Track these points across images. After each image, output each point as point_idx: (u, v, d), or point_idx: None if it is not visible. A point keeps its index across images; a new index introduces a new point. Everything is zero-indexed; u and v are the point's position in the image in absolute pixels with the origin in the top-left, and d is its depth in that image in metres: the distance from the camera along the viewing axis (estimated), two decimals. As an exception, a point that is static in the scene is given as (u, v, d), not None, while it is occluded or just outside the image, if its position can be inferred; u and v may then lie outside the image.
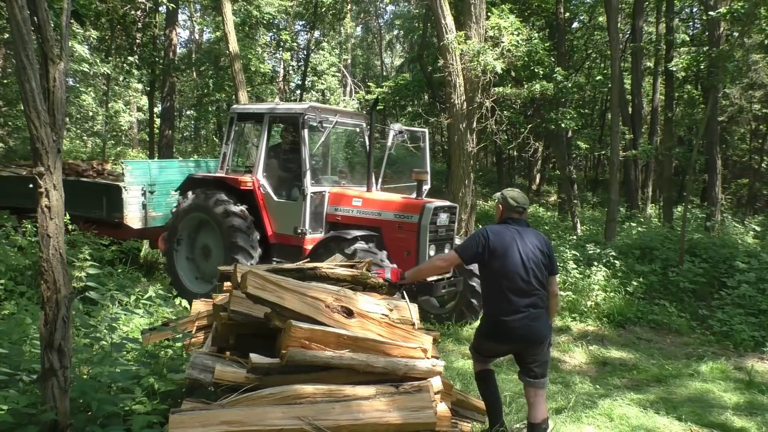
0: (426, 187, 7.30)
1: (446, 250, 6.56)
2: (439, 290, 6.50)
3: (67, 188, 10.09)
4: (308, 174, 6.89)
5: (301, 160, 6.92)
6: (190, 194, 7.61)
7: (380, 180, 7.82)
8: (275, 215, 7.31)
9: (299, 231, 6.97)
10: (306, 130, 6.88)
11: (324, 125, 7.00)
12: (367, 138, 7.67)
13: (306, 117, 6.89)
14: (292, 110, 7.29)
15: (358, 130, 8.22)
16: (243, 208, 7.22)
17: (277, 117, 7.55)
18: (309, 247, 6.82)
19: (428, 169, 7.73)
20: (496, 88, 11.24)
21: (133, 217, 8.71)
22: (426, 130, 8.13)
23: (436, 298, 7.30)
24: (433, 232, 6.52)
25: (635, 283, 8.69)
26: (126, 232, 8.87)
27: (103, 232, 8.60)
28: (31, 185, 9.73)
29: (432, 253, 6.48)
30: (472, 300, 7.11)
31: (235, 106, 8.09)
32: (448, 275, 6.74)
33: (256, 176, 7.35)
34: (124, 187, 8.64)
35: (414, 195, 7.06)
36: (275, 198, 7.29)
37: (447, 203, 7.01)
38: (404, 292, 4.08)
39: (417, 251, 6.48)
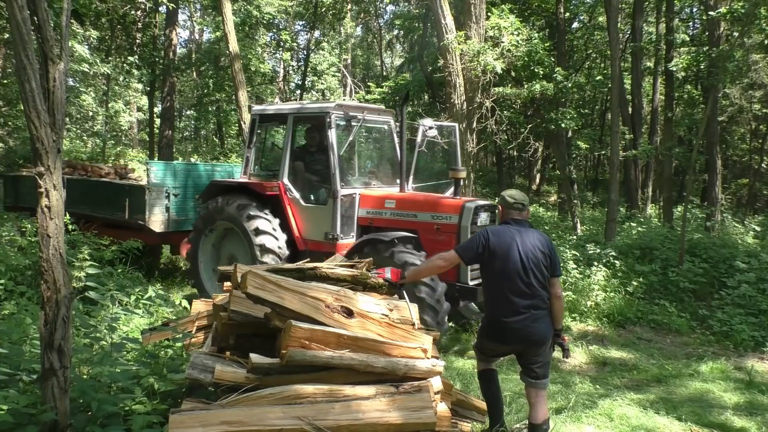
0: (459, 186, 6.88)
1: None
2: (480, 295, 5.99)
3: (89, 189, 9.92)
4: (337, 175, 6.57)
5: (330, 161, 6.61)
6: (213, 202, 7.32)
7: (411, 179, 7.36)
8: (304, 220, 6.98)
9: (331, 236, 6.62)
10: (333, 130, 6.59)
11: (352, 123, 6.68)
12: (396, 135, 7.41)
13: (333, 116, 6.61)
14: (318, 109, 6.99)
15: (386, 127, 7.82)
16: (267, 211, 6.96)
17: (302, 117, 7.26)
18: (341, 252, 6.31)
19: (461, 166, 7.29)
20: (496, 88, 11.25)
21: (155, 220, 8.43)
22: (456, 125, 7.77)
23: (476, 304, 6.86)
24: (474, 233, 6.20)
25: (635, 283, 8.69)
26: (147, 236, 8.62)
27: (124, 236, 8.39)
28: None
29: None
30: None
31: (256, 107, 7.81)
32: None
33: (281, 180, 7.05)
34: (148, 189, 8.36)
35: (450, 194, 6.76)
36: (303, 202, 6.99)
37: (488, 202, 6.61)
38: (404, 291, 4.08)
39: None
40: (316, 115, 7.03)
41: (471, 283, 6.09)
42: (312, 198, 7.06)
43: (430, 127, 7.32)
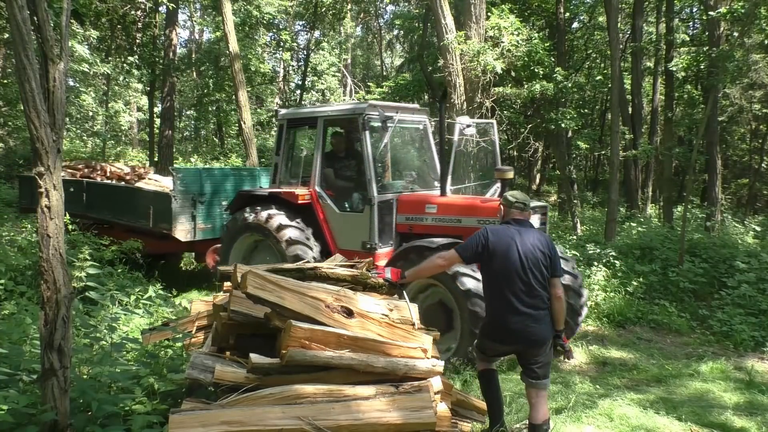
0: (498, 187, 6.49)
1: None
2: None
3: (112, 194, 9.71)
4: (373, 180, 6.24)
5: (364, 165, 6.31)
6: (241, 213, 7.02)
7: (449, 181, 6.80)
8: (338, 229, 6.65)
9: (368, 245, 6.27)
10: (368, 132, 6.30)
11: (387, 124, 6.29)
12: (432, 135, 7.14)
13: (366, 116, 6.30)
14: (351, 110, 6.67)
15: (421, 127, 7.39)
16: (299, 221, 6.66)
17: (333, 119, 6.93)
18: (381, 262, 6.02)
19: (500, 164, 6.88)
20: (496, 88, 11.25)
21: (181, 229, 8.08)
22: (494, 122, 7.40)
23: None
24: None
25: (635, 283, 8.69)
26: (172, 245, 8.39)
27: (148, 245, 8.22)
28: (72, 189, 9.40)
29: None
30: (568, 319, 5.97)
31: (283, 111, 7.50)
32: None
33: (313, 188, 6.75)
34: (174, 196, 8.00)
35: (492, 195, 6.49)
36: (337, 210, 6.67)
37: (538, 203, 6.21)
38: (404, 291, 4.08)
39: None
40: (348, 117, 6.71)
41: None
42: (347, 205, 6.77)
43: (468, 125, 6.94)
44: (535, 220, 5.84)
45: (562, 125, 12.79)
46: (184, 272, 10.46)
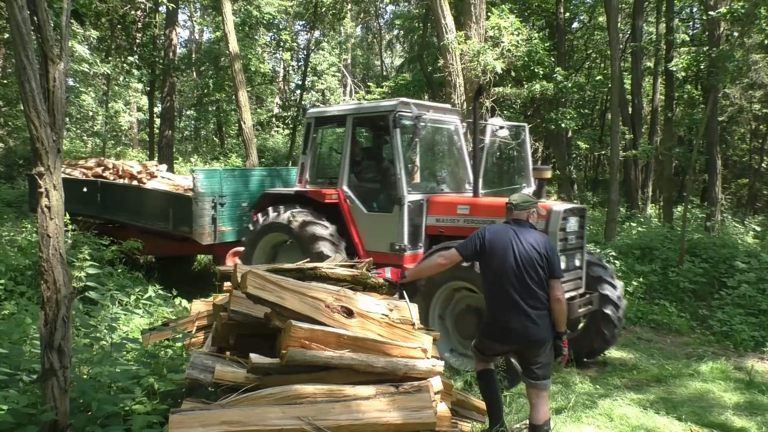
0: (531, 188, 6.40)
1: (576, 261, 5.72)
2: (576, 310, 5.33)
3: (129, 195, 9.45)
4: (404, 180, 6.05)
5: (394, 164, 6.14)
6: (265, 212, 6.84)
7: (480, 183, 6.57)
8: (366, 230, 6.43)
9: (397, 247, 6.06)
10: (398, 130, 6.10)
11: (420, 122, 6.08)
12: (461, 137, 7.03)
13: (397, 114, 6.10)
14: (382, 108, 6.49)
15: (452, 127, 7.18)
16: (326, 221, 6.43)
17: (363, 118, 6.76)
18: (409, 265, 5.84)
19: (532, 170, 6.78)
20: (496, 88, 11.25)
21: (202, 233, 7.81)
22: (526, 125, 7.28)
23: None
24: (563, 240, 5.44)
25: (635, 283, 8.69)
26: (192, 248, 8.22)
27: (165, 248, 8.05)
28: (85, 189, 9.23)
29: (563, 265, 5.25)
30: (604, 330, 5.96)
31: (311, 110, 7.25)
32: (580, 291, 5.70)
33: (341, 187, 6.53)
34: (195, 199, 7.76)
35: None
36: (365, 210, 6.46)
37: (576, 205, 6.01)
38: (404, 291, 4.08)
39: None
40: (379, 115, 6.53)
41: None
42: (375, 205, 6.58)
43: (501, 127, 6.77)
44: (573, 222, 5.65)
45: (562, 125, 12.81)
46: (184, 272, 10.45)
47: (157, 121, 20.54)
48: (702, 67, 13.51)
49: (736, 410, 5.07)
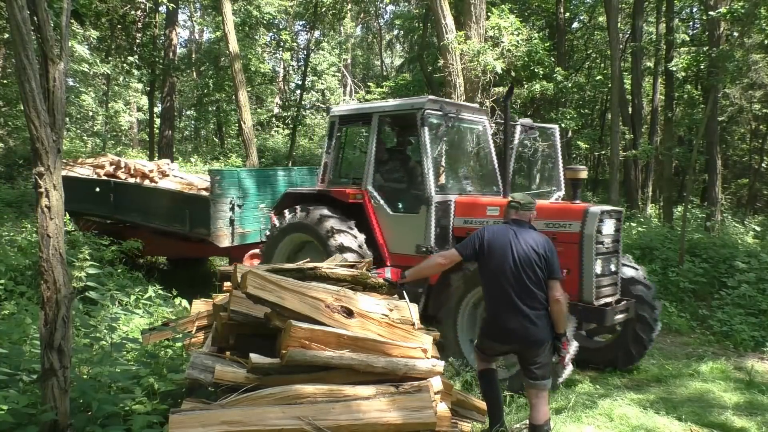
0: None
1: (612, 266, 5.49)
2: (612, 317, 5.13)
3: (144, 196, 9.16)
4: (431, 179, 5.86)
5: (422, 163, 5.95)
6: (287, 213, 6.64)
7: (508, 184, 6.36)
8: (391, 231, 6.24)
9: (423, 248, 5.88)
10: (426, 128, 5.89)
11: (449, 120, 5.93)
12: (489, 137, 6.91)
13: (426, 112, 5.91)
14: (409, 105, 6.26)
15: (480, 127, 6.99)
16: (350, 222, 6.26)
17: (389, 116, 6.54)
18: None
19: (562, 174, 6.57)
20: (496, 88, 11.25)
21: (220, 235, 7.64)
22: (557, 127, 7.14)
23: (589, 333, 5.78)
24: (599, 243, 5.21)
25: (635, 283, 8.67)
26: (208, 250, 8.09)
27: (180, 249, 7.90)
28: (98, 189, 9.04)
29: (598, 270, 5.21)
30: (641, 333, 5.77)
31: (335, 108, 7.06)
32: (616, 297, 5.49)
33: (365, 187, 6.34)
34: (212, 200, 7.61)
35: (557, 198, 6.10)
36: (390, 211, 6.27)
37: (613, 207, 5.79)
38: (404, 291, 4.08)
39: (579, 268, 5.12)
40: (406, 113, 6.30)
41: (597, 302, 5.13)
42: (400, 206, 6.40)
43: (531, 128, 6.53)
44: (609, 225, 5.42)
45: (562, 125, 12.79)
46: (187, 273, 10.45)
47: (157, 121, 20.55)
48: (702, 67, 13.51)
49: (736, 410, 5.07)
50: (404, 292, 4.07)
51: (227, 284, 4.47)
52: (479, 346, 4.09)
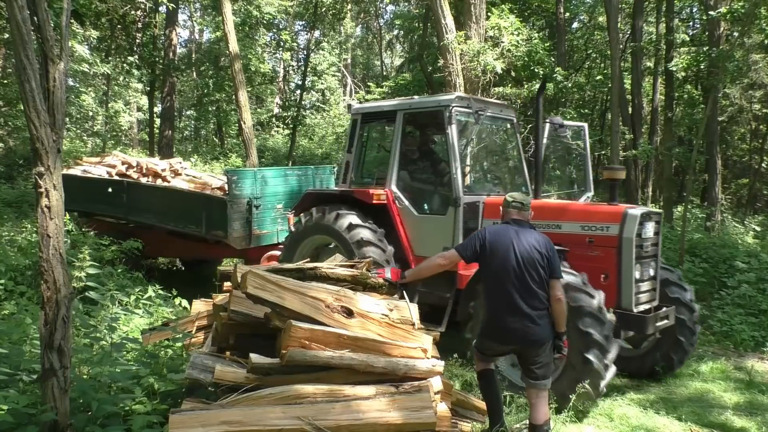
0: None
1: (651, 271, 5.30)
2: (652, 325, 4.94)
3: (158, 197, 8.46)
4: (459, 179, 5.66)
5: (449, 162, 5.75)
6: (308, 214, 6.42)
7: (539, 185, 6.11)
8: (416, 233, 6.01)
9: None
10: (454, 126, 5.70)
11: (479, 118, 5.73)
12: (517, 135, 6.76)
13: (453, 109, 5.72)
14: (436, 103, 6.04)
15: (509, 125, 6.77)
16: (373, 223, 6.03)
17: (415, 113, 6.31)
18: (465, 272, 5.33)
19: (591, 174, 6.43)
20: (496, 88, 11.25)
21: (237, 237, 7.47)
22: (585, 125, 6.95)
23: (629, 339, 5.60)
24: (638, 247, 5.00)
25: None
26: (224, 251, 7.98)
27: (195, 250, 7.78)
28: (110, 189, 8.86)
29: (638, 275, 5.02)
30: (680, 338, 5.52)
31: (357, 105, 6.84)
32: (654, 303, 5.32)
33: (389, 187, 6.10)
34: (229, 201, 7.44)
35: (585, 199, 6.04)
36: (415, 212, 6.05)
37: (653, 209, 5.60)
38: (404, 291, 4.08)
39: (618, 273, 4.95)
40: (433, 110, 6.07)
41: (636, 308, 4.98)
42: (426, 207, 6.20)
43: (561, 125, 6.33)
44: (649, 228, 5.22)
45: (562, 125, 12.77)
46: (185, 272, 10.44)
47: (157, 121, 20.56)
48: (702, 67, 13.48)
49: (736, 410, 5.07)
50: (404, 292, 4.07)
51: (227, 284, 4.46)
52: (478, 347, 4.09)
